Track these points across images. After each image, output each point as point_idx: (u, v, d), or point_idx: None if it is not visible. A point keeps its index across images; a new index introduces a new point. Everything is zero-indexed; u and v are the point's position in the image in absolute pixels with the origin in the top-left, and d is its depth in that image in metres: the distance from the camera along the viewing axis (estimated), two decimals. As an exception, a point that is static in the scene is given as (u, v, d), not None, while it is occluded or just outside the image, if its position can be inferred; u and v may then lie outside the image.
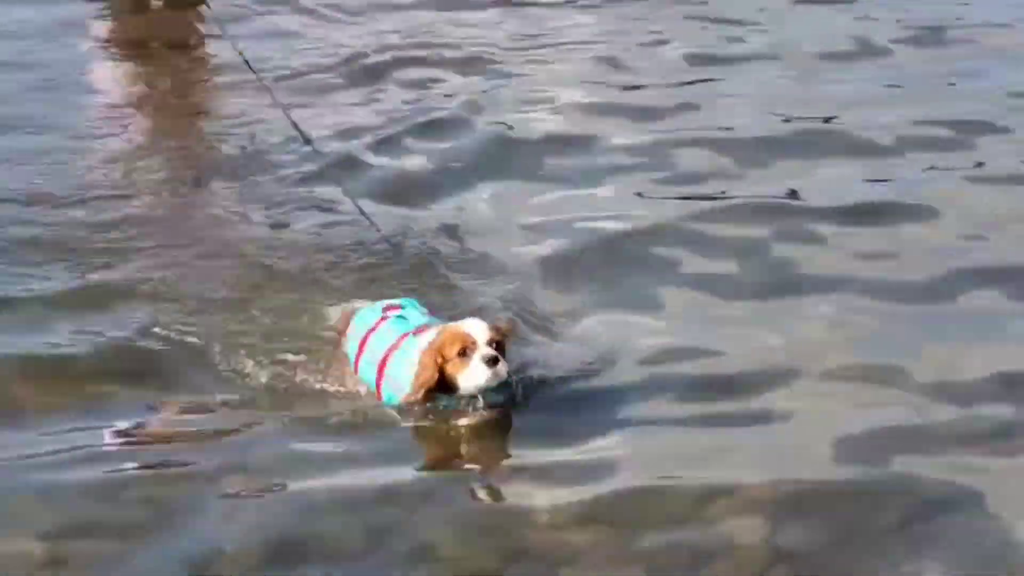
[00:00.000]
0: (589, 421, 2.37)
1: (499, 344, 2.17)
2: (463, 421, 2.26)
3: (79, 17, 6.26)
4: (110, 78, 5.61)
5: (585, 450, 2.24)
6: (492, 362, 2.11)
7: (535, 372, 2.43)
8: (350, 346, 2.43)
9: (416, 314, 2.42)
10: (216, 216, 3.76)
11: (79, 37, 6.08)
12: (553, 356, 2.60)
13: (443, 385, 2.17)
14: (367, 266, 3.19)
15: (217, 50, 5.87)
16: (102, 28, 6.34)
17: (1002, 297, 3.17)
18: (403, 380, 2.21)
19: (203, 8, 6.34)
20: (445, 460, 2.31)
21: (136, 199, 3.86)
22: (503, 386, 2.20)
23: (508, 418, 2.33)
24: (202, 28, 6.29)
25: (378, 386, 2.30)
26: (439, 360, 2.15)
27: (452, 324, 2.25)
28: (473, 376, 2.13)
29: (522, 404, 2.32)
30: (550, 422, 2.36)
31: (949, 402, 2.50)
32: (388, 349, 2.28)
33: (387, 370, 2.26)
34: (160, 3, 6.85)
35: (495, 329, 2.22)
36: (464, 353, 2.12)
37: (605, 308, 3.05)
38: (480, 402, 2.22)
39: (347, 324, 2.51)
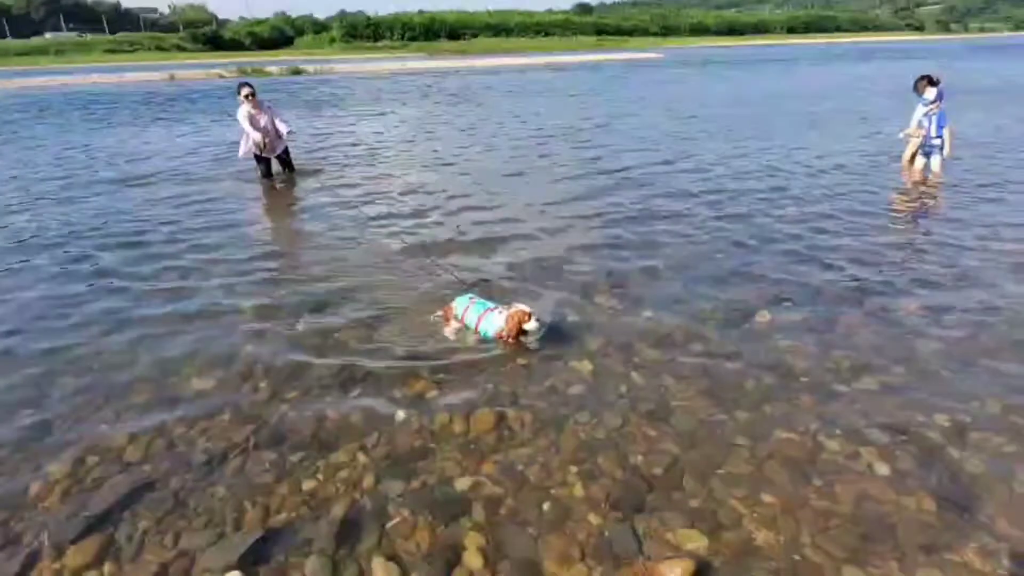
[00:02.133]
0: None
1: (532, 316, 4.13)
2: (528, 338, 4.18)
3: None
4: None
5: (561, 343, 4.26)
6: (537, 321, 4.11)
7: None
8: (458, 314, 4.31)
9: (481, 300, 4.35)
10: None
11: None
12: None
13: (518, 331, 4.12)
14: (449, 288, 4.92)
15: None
16: None
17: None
18: (493, 328, 4.16)
19: None
20: (512, 356, 4.09)
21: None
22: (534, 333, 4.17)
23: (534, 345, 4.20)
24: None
25: (476, 328, 4.21)
26: (518, 319, 4.07)
27: (519, 305, 4.15)
28: (533, 325, 4.08)
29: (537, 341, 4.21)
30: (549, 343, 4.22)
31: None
32: (480, 316, 4.21)
33: (482, 324, 4.19)
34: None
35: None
36: (528, 318, 4.07)
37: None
38: (530, 337, 4.18)
39: (450, 310, 4.39)
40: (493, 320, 4.18)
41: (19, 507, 2.88)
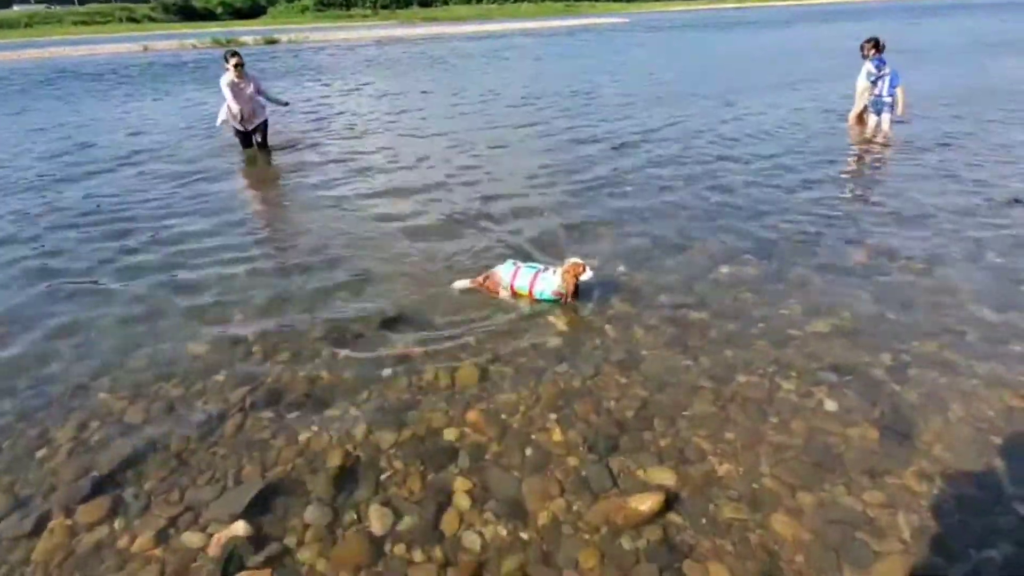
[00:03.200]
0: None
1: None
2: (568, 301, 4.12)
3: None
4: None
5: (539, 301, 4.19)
6: (592, 271, 4.06)
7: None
8: (505, 282, 4.18)
9: (528, 264, 4.24)
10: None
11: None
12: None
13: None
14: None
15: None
16: None
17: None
18: (551, 288, 4.07)
19: None
20: (493, 315, 4.06)
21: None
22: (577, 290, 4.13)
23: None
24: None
25: (531, 292, 4.11)
26: (575, 273, 3.98)
27: (572, 259, 4.06)
28: (589, 275, 4.01)
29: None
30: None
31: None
32: (533, 279, 4.11)
33: (537, 287, 4.09)
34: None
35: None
36: (584, 269, 3.99)
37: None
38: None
39: (494, 279, 4.24)
40: (549, 280, 4.07)
41: (27, 469, 2.86)
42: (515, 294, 4.19)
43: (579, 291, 4.09)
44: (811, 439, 2.88)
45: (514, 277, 4.18)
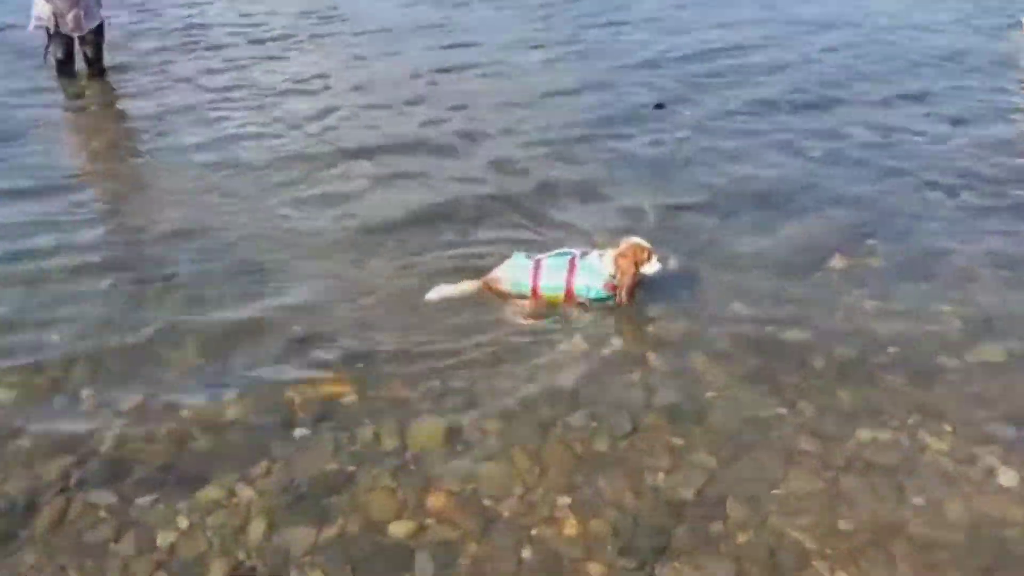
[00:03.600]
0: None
1: None
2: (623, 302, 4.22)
3: None
4: None
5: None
6: (660, 262, 4.23)
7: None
8: (518, 284, 4.29)
9: (554, 253, 4.37)
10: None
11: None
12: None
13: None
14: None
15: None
16: None
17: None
18: (600, 280, 4.19)
19: None
20: (464, 333, 4.11)
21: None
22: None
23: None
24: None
25: (569, 292, 4.24)
26: (635, 259, 4.12)
27: (633, 239, 4.21)
28: (652, 267, 4.17)
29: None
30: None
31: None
32: (569, 268, 4.23)
33: (578, 281, 4.21)
34: None
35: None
36: (648, 256, 4.14)
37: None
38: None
39: (500, 284, 4.34)
40: (595, 269, 4.19)
41: None
42: (537, 300, 4.27)
43: (636, 289, 4.19)
44: (977, 531, 2.85)
45: (535, 276, 4.25)
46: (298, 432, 3.46)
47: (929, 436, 3.29)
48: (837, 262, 4.66)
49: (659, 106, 7.27)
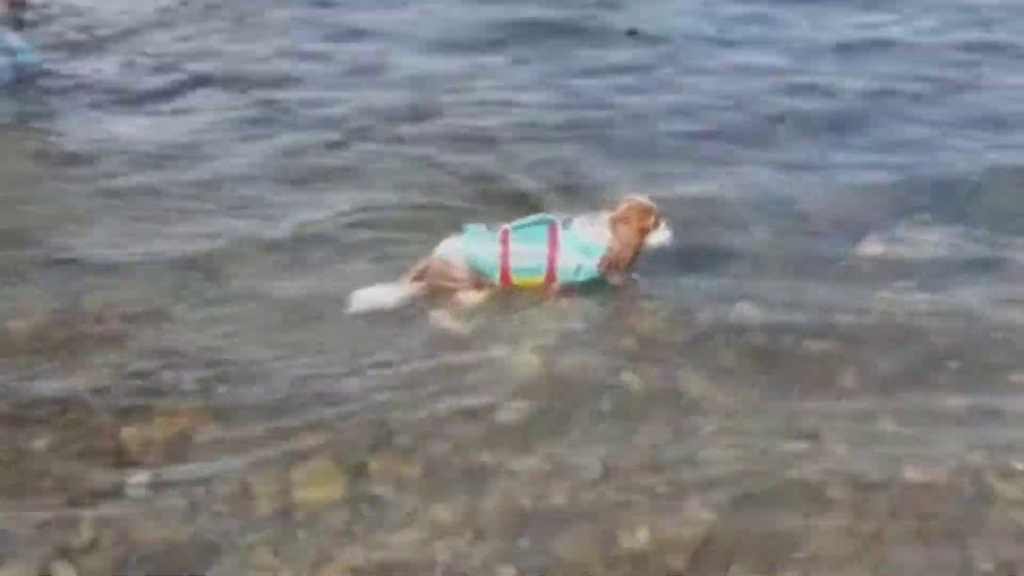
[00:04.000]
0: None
1: None
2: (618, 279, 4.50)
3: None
4: None
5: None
6: (669, 228, 4.37)
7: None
8: (476, 265, 4.30)
9: (520, 224, 4.38)
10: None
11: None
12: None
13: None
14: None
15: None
16: None
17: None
18: (593, 252, 4.27)
19: None
20: (368, 338, 4.26)
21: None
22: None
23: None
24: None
25: (551, 271, 4.30)
26: (640, 224, 4.24)
27: (636, 197, 4.32)
28: (661, 235, 4.30)
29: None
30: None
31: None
32: (551, 240, 4.25)
33: (563, 254, 4.26)
34: None
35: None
36: (656, 223, 4.25)
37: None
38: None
39: (453, 269, 4.33)
40: (585, 240, 4.19)
41: None
42: (508, 286, 4.28)
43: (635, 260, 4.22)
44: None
45: (504, 255, 4.19)
46: (133, 484, 3.31)
47: (998, 480, 3.23)
48: (870, 247, 4.66)
49: (632, 32, 8.46)
